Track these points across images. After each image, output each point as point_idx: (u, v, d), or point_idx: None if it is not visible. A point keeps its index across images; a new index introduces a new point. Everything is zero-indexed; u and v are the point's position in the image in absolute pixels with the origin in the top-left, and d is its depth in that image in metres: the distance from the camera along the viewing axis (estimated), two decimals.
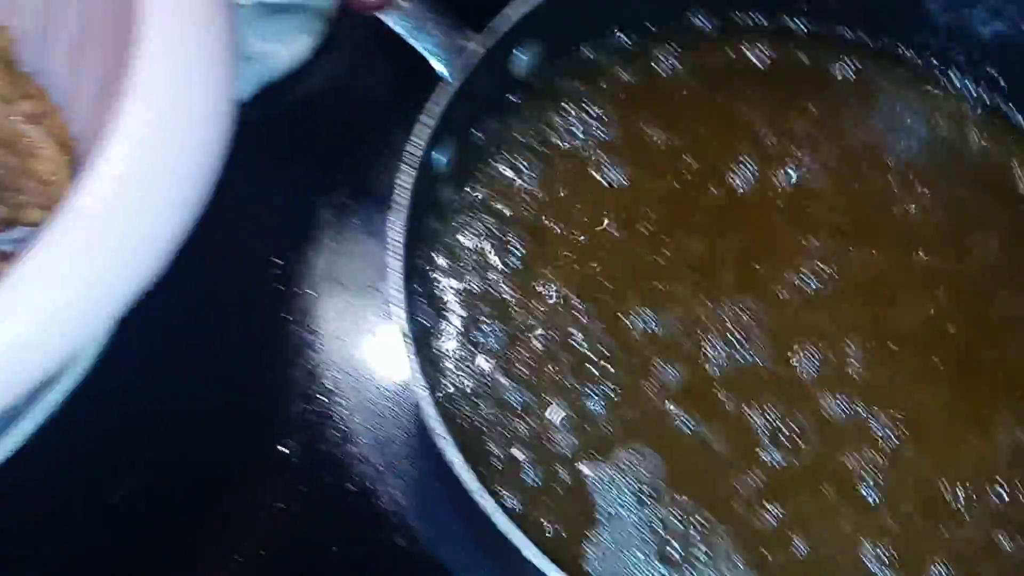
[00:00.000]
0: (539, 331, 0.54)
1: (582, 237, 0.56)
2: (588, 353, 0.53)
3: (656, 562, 0.49)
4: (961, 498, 0.51)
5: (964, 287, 0.56)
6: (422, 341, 0.52)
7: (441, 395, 0.52)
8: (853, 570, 0.49)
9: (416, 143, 0.50)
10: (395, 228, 0.48)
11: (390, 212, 0.49)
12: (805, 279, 0.55)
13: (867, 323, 0.54)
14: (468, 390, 0.52)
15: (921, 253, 0.56)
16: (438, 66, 0.52)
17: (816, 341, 0.54)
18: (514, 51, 0.56)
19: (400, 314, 0.47)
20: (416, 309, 0.52)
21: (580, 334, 0.54)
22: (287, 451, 0.55)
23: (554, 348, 0.53)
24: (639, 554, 0.49)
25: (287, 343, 0.58)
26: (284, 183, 0.63)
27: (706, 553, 0.49)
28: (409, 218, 0.49)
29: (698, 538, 0.50)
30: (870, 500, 0.51)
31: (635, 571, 0.49)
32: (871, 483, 0.51)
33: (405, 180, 0.49)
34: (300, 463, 0.55)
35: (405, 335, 0.46)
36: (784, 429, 0.52)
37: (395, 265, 0.48)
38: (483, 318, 0.54)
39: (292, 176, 0.64)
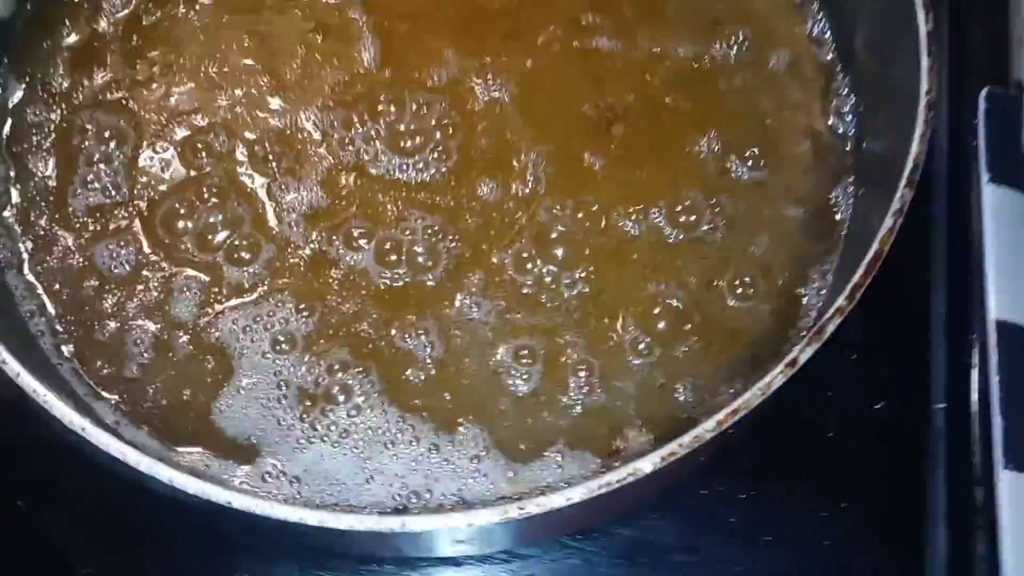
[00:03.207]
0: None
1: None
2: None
3: (293, 407, 0.46)
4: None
5: None
6: None
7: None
8: (488, 375, 0.47)
9: None
10: None
11: None
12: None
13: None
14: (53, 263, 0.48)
15: None
16: None
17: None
18: None
19: None
20: None
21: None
22: None
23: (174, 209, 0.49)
24: (275, 403, 0.46)
25: None
26: None
27: (343, 389, 0.47)
28: None
29: (336, 376, 0.47)
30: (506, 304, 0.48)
31: (271, 420, 0.46)
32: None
33: None
34: None
35: None
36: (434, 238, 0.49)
37: None
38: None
39: None
